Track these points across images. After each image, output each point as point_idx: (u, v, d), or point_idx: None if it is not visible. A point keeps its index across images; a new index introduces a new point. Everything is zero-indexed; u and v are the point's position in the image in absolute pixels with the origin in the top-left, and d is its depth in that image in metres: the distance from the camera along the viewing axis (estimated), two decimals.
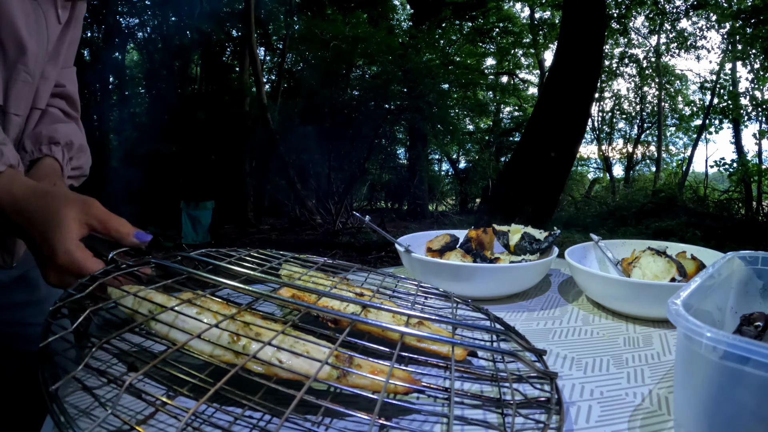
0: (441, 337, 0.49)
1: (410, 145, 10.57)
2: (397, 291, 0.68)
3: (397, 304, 0.62)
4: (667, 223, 7.12)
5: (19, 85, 0.68)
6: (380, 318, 0.54)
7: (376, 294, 0.62)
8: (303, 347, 0.44)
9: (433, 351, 0.53)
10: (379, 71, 8.53)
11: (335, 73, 8.63)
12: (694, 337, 0.35)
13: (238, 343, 0.43)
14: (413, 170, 10.33)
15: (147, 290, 0.47)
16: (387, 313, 0.54)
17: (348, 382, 0.43)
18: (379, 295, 0.63)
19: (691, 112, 11.07)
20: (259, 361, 0.41)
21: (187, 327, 0.43)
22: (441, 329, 0.57)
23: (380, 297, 0.63)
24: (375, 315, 0.55)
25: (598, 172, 13.11)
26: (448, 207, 11.73)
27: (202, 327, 0.43)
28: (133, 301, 0.45)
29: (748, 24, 8.00)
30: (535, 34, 11.04)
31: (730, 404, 0.35)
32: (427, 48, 9.64)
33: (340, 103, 8.43)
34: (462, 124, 11.02)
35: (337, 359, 0.44)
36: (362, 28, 8.62)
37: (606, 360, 0.57)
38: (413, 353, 0.51)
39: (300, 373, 0.42)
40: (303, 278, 0.62)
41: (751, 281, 0.57)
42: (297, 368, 0.42)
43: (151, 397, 0.36)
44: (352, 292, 0.61)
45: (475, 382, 0.51)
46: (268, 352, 0.42)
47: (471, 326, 0.52)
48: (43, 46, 0.70)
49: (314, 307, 0.49)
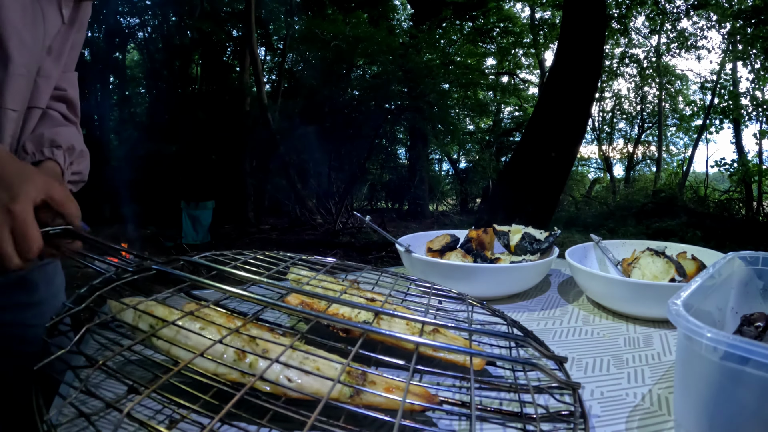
0: (458, 347, 0.47)
1: (410, 145, 10.57)
2: (410, 294, 0.67)
3: (410, 309, 0.60)
4: (668, 224, 7.12)
5: (14, 79, 0.67)
6: (393, 326, 0.52)
7: (388, 299, 0.59)
8: (313, 364, 0.42)
9: (449, 360, 0.51)
10: (380, 71, 8.52)
11: (335, 73, 8.63)
12: (695, 338, 0.35)
13: (245, 360, 0.41)
14: (413, 170, 10.32)
15: (147, 302, 0.45)
16: (401, 319, 0.52)
17: (362, 401, 0.40)
18: (391, 299, 0.60)
19: (691, 112, 11.06)
20: (267, 381, 0.39)
21: (190, 343, 0.41)
22: (457, 336, 0.55)
23: (392, 301, 0.61)
24: (388, 322, 0.53)
25: (599, 172, 13.10)
26: (449, 207, 11.73)
27: (206, 343, 0.41)
28: (133, 315, 0.43)
29: (748, 24, 8.00)
30: (536, 34, 11.04)
31: (730, 404, 0.35)
32: (428, 48, 9.63)
33: (341, 103, 8.42)
34: (462, 124, 11.01)
35: (349, 375, 0.42)
36: (363, 28, 8.61)
37: (606, 360, 0.57)
38: (429, 363, 0.49)
39: (310, 393, 0.39)
40: (312, 282, 0.60)
41: (752, 281, 0.57)
42: (307, 388, 0.40)
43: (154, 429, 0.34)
44: (362, 297, 0.58)
45: (494, 391, 0.49)
46: (276, 370, 0.40)
47: (488, 333, 0.48)
48: (39, 39, 0.69)
49: (324, 316, 0.46)
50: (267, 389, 0.39)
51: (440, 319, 0.60)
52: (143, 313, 0.43)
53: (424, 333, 0.52)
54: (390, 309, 0.52)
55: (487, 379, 0.52)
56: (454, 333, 0.55)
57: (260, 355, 0.41)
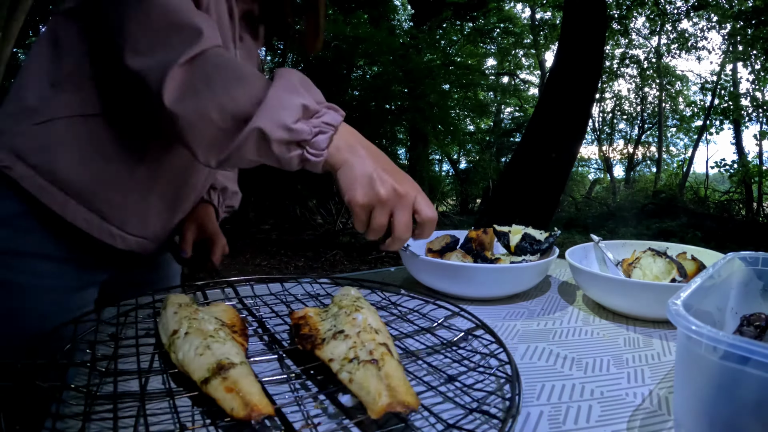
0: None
1: (411, 145, 10.57)
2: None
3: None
4: (668, 224, 7.13)
5: None
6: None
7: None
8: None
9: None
10: (380, 71, 8.53)
11: (336, 74, 8.62)
12: (694, 337, 0.35)
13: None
14: (414, 170, 10.32)
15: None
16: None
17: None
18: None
19: (691, 113, 11.08)
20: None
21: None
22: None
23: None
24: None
25: (599, 172, 13.12)
26: (449, 207, 11.73)
27: None
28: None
29: (749, 25, 8.00)
30: (536, 34, 11.05)
31: (730, 404, 0.35)
32: (428, 48, 9.64)
33: (341, 103, 8.40)
34: (463, 125, 11.02)
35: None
36: (363, 29, 8.61)
37: (606, 360, 0.57)
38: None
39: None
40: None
41: (752, 282, 0.57)
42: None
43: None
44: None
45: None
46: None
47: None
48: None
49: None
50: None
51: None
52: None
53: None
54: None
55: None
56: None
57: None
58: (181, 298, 0.55)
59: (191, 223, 0.89)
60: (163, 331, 0.50)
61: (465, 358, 0.52)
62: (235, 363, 0.42)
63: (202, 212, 0.92)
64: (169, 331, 0.48)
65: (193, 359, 0.43)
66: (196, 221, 0.90)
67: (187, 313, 0.50)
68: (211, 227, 0.92)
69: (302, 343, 0.49)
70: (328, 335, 0.48)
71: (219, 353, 0.43)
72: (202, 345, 0.44)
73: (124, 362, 0.50)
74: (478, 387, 0.47)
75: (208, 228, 0.91)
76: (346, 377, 0.42)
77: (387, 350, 0.44)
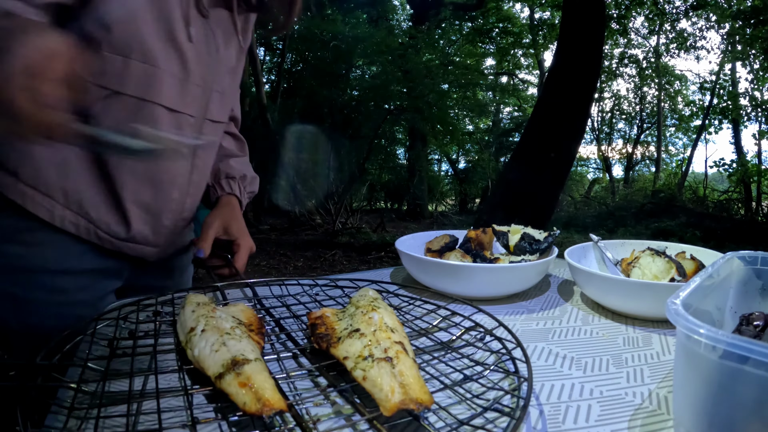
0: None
1: (410, 145, 10.58)
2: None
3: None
4: (667, 224, 7.13)
5: (190, 87, 0.73)
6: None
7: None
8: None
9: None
10: (379, 71, 8.53)
11: (335, 73, 8.62)
12: (694, 337, 0.35)
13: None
14: (413, 170, 10.33)
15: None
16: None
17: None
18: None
19: (690, 113, 11.09)
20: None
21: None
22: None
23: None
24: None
25: (598, 172, 13.13)
26: (448, 207, 11.74)
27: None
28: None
29: (747, 24, 8.01)
30: (535, 34, 11.05)
31: (730, 403, 0.35)
32: (427, 48, 9.64)
33: (340, 103, 8.42)
34: (462, 125, 11.02)
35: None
36: (362, 29, 8.62)
37: (606, 360, 0.57)
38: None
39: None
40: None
41: (751, 281, 0.57)
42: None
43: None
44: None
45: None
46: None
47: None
48: (213, 55, 0.76)
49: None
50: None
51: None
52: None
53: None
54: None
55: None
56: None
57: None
58: (199, 297, 0.56)
59: (213, 219, 0.83)
60: (180, 328, 0.51)
61: (478, 363, 0.52)
62: (249, 359, 0.42)
63: (227, 208, 0.86)
64: (187, 329, 0.48)
65: (209, 356, 0.43)
66: (220, 218, 0.84)
67: (204, 312, 0.51)
68: (236, 227, 0.85)
69: (318, 341, 0.49)
70: (344, 334, 0.48)
71: (234, 350, 0.43)
72: (218, 342, 0.44)
73: (139, 362, 0.50)
74: (490, 386, 0.47)
75: (232, 228, 0.84)
76: (359, 374, 0.42)
77: (402, 348, 0.44)
